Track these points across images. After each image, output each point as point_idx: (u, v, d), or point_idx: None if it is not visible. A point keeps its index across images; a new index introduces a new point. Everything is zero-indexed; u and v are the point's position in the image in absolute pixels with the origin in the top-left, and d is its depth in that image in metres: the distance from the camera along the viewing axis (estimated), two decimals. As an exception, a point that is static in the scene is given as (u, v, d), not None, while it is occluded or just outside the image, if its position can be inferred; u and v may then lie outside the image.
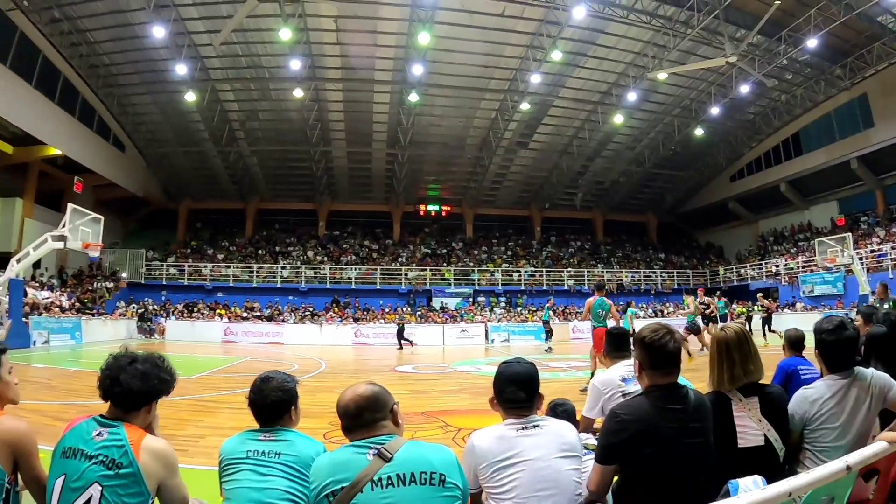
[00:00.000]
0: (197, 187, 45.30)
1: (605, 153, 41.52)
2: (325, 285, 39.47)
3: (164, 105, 36.07)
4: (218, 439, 3.19)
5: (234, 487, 3.02)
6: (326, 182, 44.24)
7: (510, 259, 44.63)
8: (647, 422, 2.93)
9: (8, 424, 2.90)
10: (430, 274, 41.09)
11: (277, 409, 3.29)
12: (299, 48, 29.91)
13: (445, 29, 28.88)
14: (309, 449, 3.14)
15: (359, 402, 2.73)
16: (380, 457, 2.55)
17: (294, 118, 36.91)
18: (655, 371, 3.10)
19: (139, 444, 2.70)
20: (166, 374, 2.95)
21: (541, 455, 2.96)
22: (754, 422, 3.30)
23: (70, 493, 2.60)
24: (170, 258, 41.43)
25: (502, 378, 3.27)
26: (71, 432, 2.76)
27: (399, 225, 47.13)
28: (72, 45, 30.01)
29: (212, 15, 28.55)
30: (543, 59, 30.55)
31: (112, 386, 2.83)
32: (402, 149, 38.75)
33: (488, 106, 36.03)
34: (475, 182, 44.00)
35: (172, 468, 2.82)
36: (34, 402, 10.09)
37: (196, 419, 9.57)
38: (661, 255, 47.05)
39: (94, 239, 26.65)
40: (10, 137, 30.06)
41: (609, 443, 3.02)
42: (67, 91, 31.77)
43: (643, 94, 34.06)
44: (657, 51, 30.23)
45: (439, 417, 9.44)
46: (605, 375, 4.64)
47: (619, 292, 39.29)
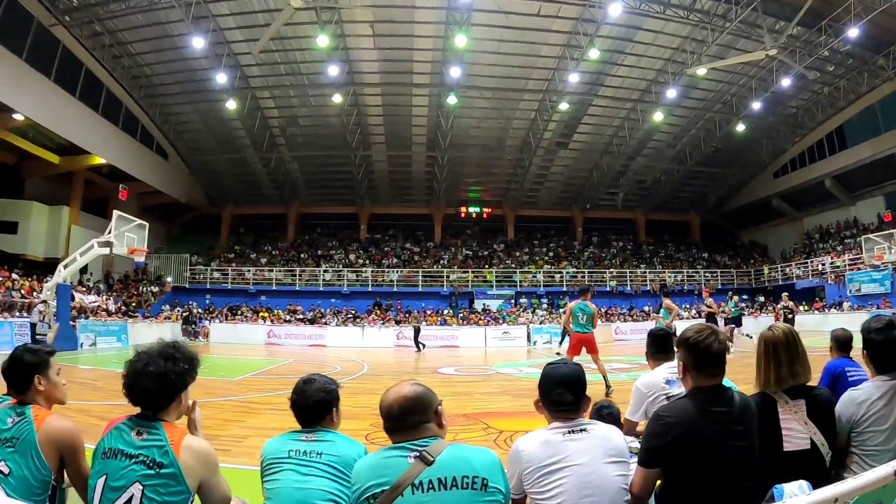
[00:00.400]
0: (239, 193, 45.92)
1: (646, 152, 40.98)
2: (367, 288, 39.61)
3: (205, 113, 36.74)
4: (260, 440, 3.22)
5: (275, 487, 3.03)
6: (367, 186, 44.44)
7: (552, 260, 44.25)
8: (690, 424, 2.87)
9: (55, 423, 3.03)
10: (472, 276, 40.96)
11: (319, 410, 3.31)
12: (337, 54, 30.09)
13: (482, 30, 28.86)
14: (350, 450, 3.14)
15: (402, 404, 2.68)
16: (421, 460, 2.51)
17: (334, 123, 37.12)
18: (699, 372, 3.03)
19: (179, 444, 2.72)
20: (182, 366, 2.93)
21: (587, 460, 2.87)
22: (800, 425, 3.20)
23: (111, 492, 2.62)
24: (213, 262, 42.15)
25: (549, 380, 3.15)
26: (111, 433, 2.79)
27: (440, 227, 47.15)
28: (113, 57, 30.84)
29: (249, 24, 29.02)
30: (581, 57, 30.23)
31: (133, 392, 2.85)
32: (442, 151, 38.79)
33: (527, 106, 35.86)
34: (516, 183, 43.83)
35: (213, 467, 2.84)
36: (81, 402, 10.25)
37: (239, 420, 9.69)
38: (704, 255, 46.17)
39: (140, 244, 27.33)
40: (55, 148, 31.00)
41: (652, 445, 2.95)
42: (111, 102, 32.50)
43: (683, 91, 33.51)
44: (695, 46, 29.73)
45: (481, 419, 9.40)
46: (649, 377, 4.54)
47: (661, 293, 38.88)
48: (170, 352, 2.92)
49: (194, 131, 38.89)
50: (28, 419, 3.03)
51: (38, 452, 2.94)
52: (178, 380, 2.90)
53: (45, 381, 3.27)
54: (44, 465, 2.95)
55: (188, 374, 2.96)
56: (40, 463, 2.94)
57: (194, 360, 3.03)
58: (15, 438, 2.98)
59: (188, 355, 3.00)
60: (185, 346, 3.07)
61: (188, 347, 3.07)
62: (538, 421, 3.22)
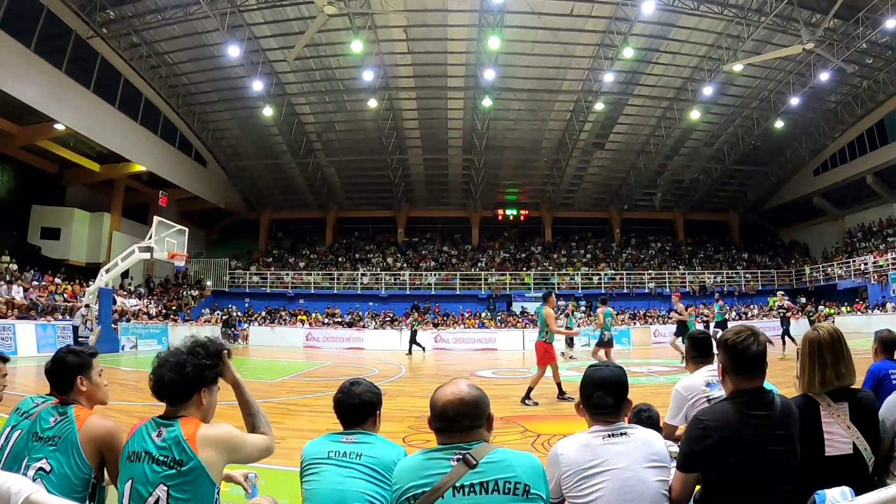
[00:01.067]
0: (277, 198, 46.39)
1: (683, 151, 40.42)
2: (405, 291, 39.67)
3: (242, 120, 37.25)
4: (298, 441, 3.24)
5: (313, 487, 3.04)
6: (404, 189, 44.61)
7: (590, 262, 43.93)
8: (730, 428, 2.81)
9: (96, 423, 3.11)
10: (510, 279, 40.87)
11: (363, 411, 3.32)
12: (371, 59, 30.20)
13: (515, 32, 28.76)
14: (390, 452, 3.14)
15: (458, 407, 2.60)
16: (464, 462, 2.47)
17: (370, 128, 37.32)
18: (739, 375, 2.97)
19: (195, 438, 2.75)
20: (203, 360, 2.97)
21: (627, 464, 2.82)
22: (843, 429, 3.11)
23: (138, 496, 2.66)
24: (252, 267, 42.75)
25: (589, 382, 3.12)
26: (134, 436, 2.83)
27: (478, 230, 47.09)
28: (151, 67, 31.57)
29: (284, 32, 29.36)
30: (615, 57, 29.97)
31: (154, 384, 2.91)
32: (478, 154, 38.79)
33: (562, 107, 35.70)
34: (553, 185, 43.57)
35: (235, 447, 2.89)
36: (122, 402, 10.51)
37: (278, 421, 9.66)
38: (743, 255, 45.39)
39: (180, 249, 27.96)
40: (96, 156, 31.89)
41: (692, 450, 2.90)
42: (149, 111, 33.16)
43: (719, 88, 32.89)
44: (731, 42, 29.21)
45: (519, 423, 9.36)
46: (689, 381, 4.48)
47: (701, 294, 38.41)
48: (194, 347, 2.99)
49: (232, 138, 39.44)
50: (70, 419, 3.11)
51: (79, 451, 3.01)
52: (196, 372, 2.92)
53: (87, 382, 3.34)
54: (85, 464, 3.01)
55: (208, 370, 2.99)
56: (81, 461, 3.01)
57: (220, 355, 3.08)
58: (57, 437, 3.05)
59: (212, 351, 3.04)
60: (214, 342, 3.12)
61: (216, 343, 3.13)
62: (575, 424, 3.24)
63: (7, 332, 21.28)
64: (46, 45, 25.53)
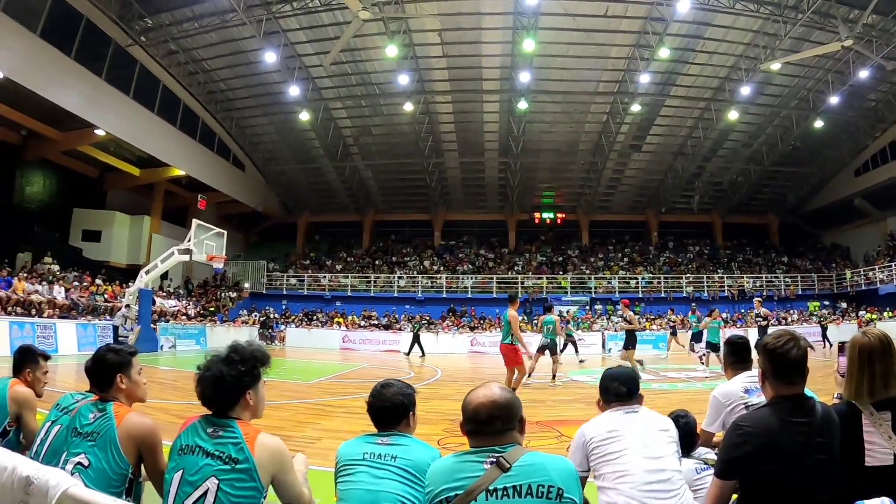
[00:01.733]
0: (314, 201, 46.81)
1: (722, 152, 39.81)
2: (442, 294, 39.75)
3: (279, 125, 37.67)
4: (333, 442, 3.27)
5: (348, 488, 3.06)
6: (440, 193, 44.70)
7: (627, 266, 43.49)
8: (770, 435, 2.75)
9: (135, 420, 3.17)
10: (547, 282, 40.63)
11: (396, 413, 3.34)
12: (406, 63, 30.35)
13: (549, 34, 28.64)
14: (424, 454, 3.14)
15: (491, 410, 2.60)
16: (498, 466, 2.46)
17: (406, 131, 37.46)
18: (779, 381, 2.91)
19: (254, 440, 2.80)
20: (240, 368, 2.98)
21: (644, 429, 3.35)
22: (884, 439, 2.94)
23: (187, 486, 2.71)
24: (290, 269, 43.17)
25: (606, 377, 3.71)
26: (187, 430, 2.89)
27: (514, 233, 46.91)
28: (189, 73, 32.14)
29: (319, 37, 29.64)
30: (651, 57, 29.66)
31: (200, 397, 2.96)
32: (515, 157, 38.62)
33: (598, 109, 35.44)
34: (589, 188, 43.28)
35: (285, 465, 2.90)
36: (160, 401, 10.67)
37: (313, 422, 9.88)
38: (783, 259, 44.43)
39: (218, 252, 28.41)
40: (136, 161, 32.67)
41: (730, 456, 2.85)
42: (188, 116, 33.78)
43: (757, 88, 32.25)
44: (768, 40, 28.60)
45: (554, 427, 9.31)
46: (727, 387, 4.38)
47: (739, 299, 37.88)
48: (231, 356, 3.00)
49: (269, 142, 39.92)
50: (109, 415, 3.17)
51: (117, 447, 3.07)
52: (235, 382, 2.96)
53: (127, 380, 3.41)
54: (122, 459, 3.06)
55: (246, 376, 3.01)
56: (119, 457, 3.06)
57: (256, 360, 3.08)
58: (96, 433, 3.11)
59: (249, 356, 3.05)
60: (250, 346, 3.14)
61: (252, 347, 3.14)
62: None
63: (49, 331, 21.82)
64: (86, 53, 26.20)
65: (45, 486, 2.54)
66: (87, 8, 25.72)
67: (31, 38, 23.31)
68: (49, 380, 4.71)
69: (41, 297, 23.63)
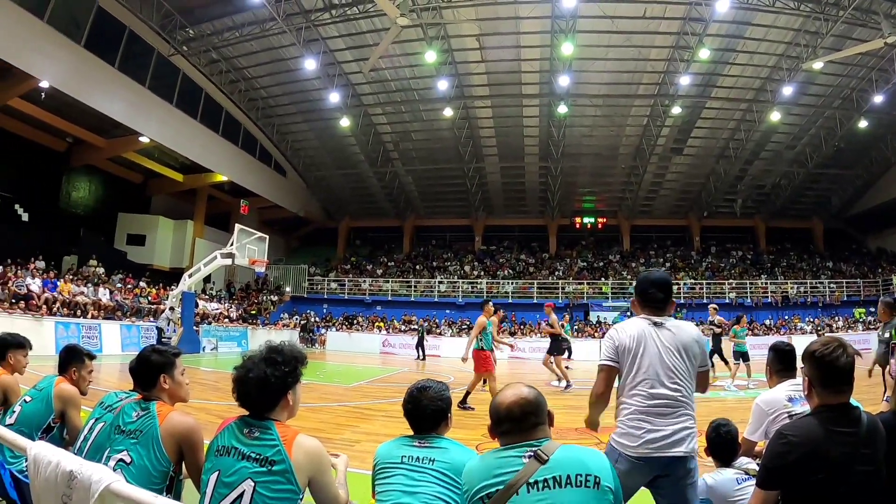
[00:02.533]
0: (355, 206, 47.20)
1: (764, 155, 38.97)
2: (482, 299, 39.29)
3: (320, 131, 38.10)
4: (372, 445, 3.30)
5: (386, 490, 3.08)
6: (481, 198, 44.63)
7: (668, 271, 42.55)
8: (815, 445, 2.66)
9: (177, 419, 3.22)
10: (588, 287, 40.30)
11: (434, 417, 3.35)
12: (445, 68, 30.51)
13: (588, 37, 28.47)
14: (463, 456, 3.14)
15: (524, 406, 2.68)
16: (536, 459, 2.51)
17: (446, 137, 37.53)
18: (825, 389, 2.83)
19: (292, 442, 2.81)
20: (283, 370, 3.00)
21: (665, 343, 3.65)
22: None
23: (224, 487, 2.73)
24: (330, 273, 43.49)
25: (646, 281, 3.89)
26: (224, 431, 2.91)
27: (555, 238, 46.62)
28: (230, 82, 32.73)
29: (358, 45, 29.85)
30: (691, 59, 29.22)
31: (239, 397, 2.98)
32: (555, 162, 38.42)
33: (639, 112, 35.10)
34: (630, 192, 42.93)
35: (322, 466, 2.92)
36: (202, 401, 10.90)
37: (353, 425, 10.00)
38: (828, 264, 43.13)
39: (260, 256, 28.79)
40: (179, 167, 33.48)
41: (774, 466, 2.77)
42: (230, 123, 34.41)
43: (799, 88, 31.42)
44: (809, 38, 27.86)
45: (593, 434, 9.28)
46: (770, 395, 4.29)
47: (783, 306, 37.26)
48: (272, 356, 3.00)
49: (310, 148, 40.35)
50: (152, 414, 3.23)
51: (159, 445, 3.12)
52: (279, 383, 2.97)
53: (170, 380, 3.48)
54: (164, 457, 3.11)
55: (290, 377, 3.03)
56: (161, 455, 3.11)
57: (297, 360, 3.10)
58: (138, 431, 3.17)
59: (290, 357, 3.07)
60: (290, 347, 3.15)
61: (293, 348, 3.15)
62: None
63: (93, 332, 22.49)
64: (130, 63, 26.93)
65: (88, 481, 2.62)
66: (130, 19, 26.35)
67: (75, 49, 23.95)
68: (93, 379, 4.83)
69: (86, 298, 24.17)
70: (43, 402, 4.26)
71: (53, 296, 22.56)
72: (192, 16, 27.86)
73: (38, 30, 22.17)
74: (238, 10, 27.61)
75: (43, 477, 2.84)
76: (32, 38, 21.92)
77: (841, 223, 45.58)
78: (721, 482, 4.00)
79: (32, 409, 4.24)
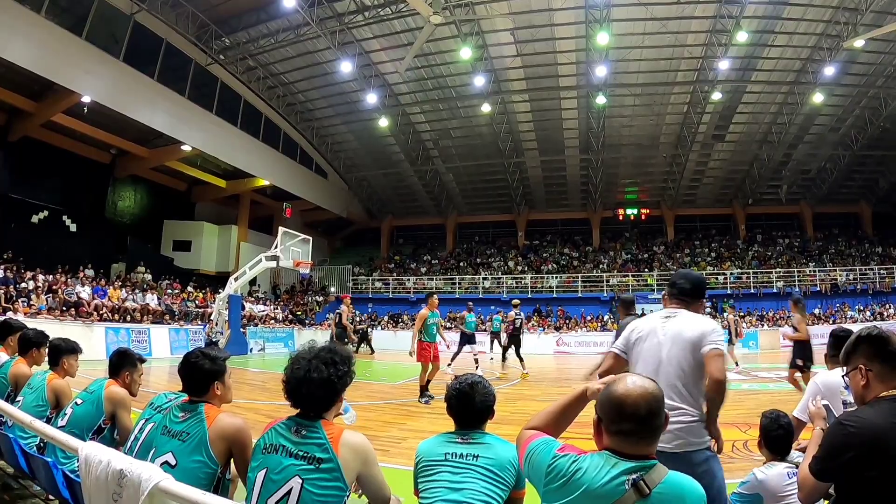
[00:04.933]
0: (397, 205, 47.50)
1: (808, 138, 37.88)
2: (527, 294, 39.12)
3: (359, 132, 38.44)
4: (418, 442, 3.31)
5: (430, 487, 3.09)
6: (522, 192, 44.58)
7: (714, 261, 42.13)
8: (877, 437, 2.47)
9: (227, 420, 3.28)
10: (632, 280, 39.97)
11: (482, 412, 3.36)
12: (481, 64, 30.50)
13: (623, 26, 28.14)
14: (506, 452, 3.14)
15: (651, 403, 2.24)
16: (636, 490, 2.11)
17: (485, 133, 37.50)
18: (885, 365, 2.70)
19: (338, 440, 2.86)
20: (343, 369, 3.06)
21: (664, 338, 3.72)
22: None
23: (271, 484, 2.78)
24: (374, 273, 43.78)
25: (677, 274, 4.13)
26: (271, 431, 2.95)
27: (598, 231, 46.26)
28: (268, 88, 33.38)
29: (393, 45, 29.97)
30: (728, 42, 28.47)
31: (298, 397, 3.01)
32: (596, 153, 38.23)
33: (678, 100, 34.62)
34: (673, 182, 42.32)
35: (369, 461, 2.97)
36: (250, 401, 10.90)
37: (399, 422, 10.03)
38: (877, 250, 41.69)
39: (304, 258, 29.28)
40: (222, 173, 34.12)
41: (830, 456, 2.62)
42: (269, 129, 35.01)
43: (841, 67, 30.51)
44: (849, 16, 26.87)
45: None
46: (829, 377, 4.17)
47: (832, 293, 36.41)
48: (329, 356, 3.04)
49: (350, 150, 40.78)
50: (200, 416, 3.29)
51: (207, 448, 3.18)
52: (341, 383, 3.05)
53: (222, 387, 3.54)
54: (212, 460, 3.17)
55: (348, 376, 3.10)
56: (208, 457, 3.17)
57: (351, 360, 3.15)
58: (185, 433, 3.23)
59: (345, 357, 3.12)
60: (341, 348, 3.22)
61: (343, 349, 3.22)
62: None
63: (142, 335, 23.03)
64: (169, 74, 27.65)
65: (138, 479, 2.68)
66: (166, 31, 27.02)
67: (115, 64, 24.71)
68: (143, 381, 4.92)
69: (135, 304, 24.69)
70: (93, 404, 4.37)
71: (103, 302, 23.11)
72: (228, 25, 28.38)
73: (77, 47, 22.95)
74: (272, 17, 28.06)
75: (94, 476, 2.91)
76: (72, 55, 22.69)
77: (889, 207, 44.00)
78: (771, 476, 3.94)
79: (83, 412, 4.35)
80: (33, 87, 23.82)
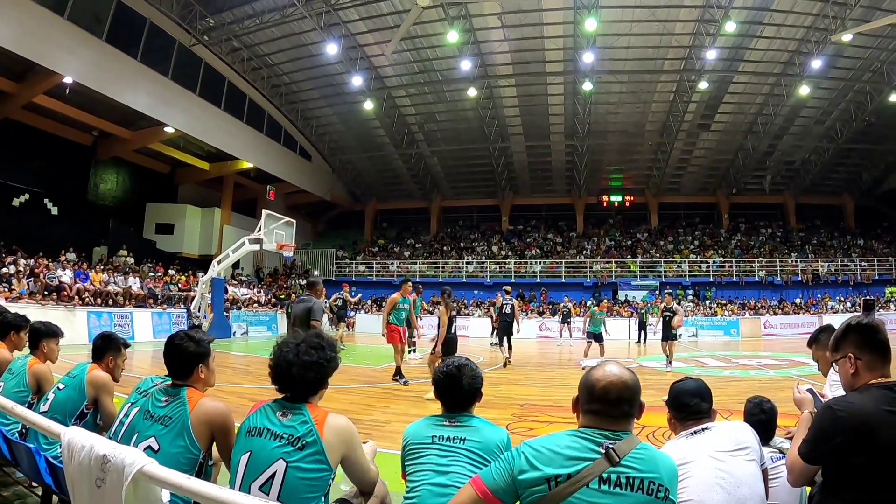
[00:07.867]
0: (381, 189, 47.41)
1: (793, 130, 38.07)
2: (510, 279, 39.14)
3: (344, 115, 38.18)
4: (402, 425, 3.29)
5: (417, 470, 3.10)
6: (507, 177, 44.56)
7: (697, 249, 42.55)
8: (865, 423, 2.51)
9: (210, 405, 3.25)
10: (615, 266, 40.09)
11: (471, 395, 3.36)
12: (468, 48, 30.35)
13: (611, 12, 28.05)
14: (493, 435, 3.19)
15: (621, 390, 2.44)
16: (607, 458, 2.31)
17: (470, 117, 37.40)
18: (872, 354, 2.76)
19: (323, 422, 2.87)
20: (330, 354, 3.08)
21: (713, 450, 3.01)
22: None
23: (256, 467, 2.78)
24: (358, 256, 43.87)
25: (686, 392, 3.37)
26: (256, 413, 2.96)
27: (582, 217, 46.45)
28: (253, 69, 33.03)
29: (379, 27, 29.82)
30: (717, 32, 28.48)
31: (286, 381, 3.01)
32: (581, 139, 38.12)
33: (665, 88, 34.64)
34: (658, 169, 42.45)
35: (353, 444, 2.97)
36: (232, 385, 10.86)
37: (382, 405, 10.07)
38: (859, 242, 42.17)
39: (288, 241, 29.30)
40: (205, 155, 33.99)
41: (820, 438, 2.66)
42: (254, 110, 34.78)
43: (828, 61, 30.58)
44: (837, 10, 27.00)
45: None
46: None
47: (814, 284, 36.72)
48: (317, 341, 3.06)
49: (335, 132, 40.52)
50: (182, 400, 3.26)
51: (189, 432, 3.15)
52: (330, 367, 3.07)
53: (206, 370, 3.51)
54: (194, 444, 3.14)
55: (335, 361, 3.11)
56: (191, 442, 3.14)
57: (336, 346, 3.17)
58: (167, 417, 3.20)
59: (331, 342, 3.15)
60: (326, 334, 3.25)
61: (327, 335, 3.24)
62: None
63: (125, 319, 23.06)
64: (152, 55, 27.30)
65: (121, 464, 2.63)
66: (149, 11, 26.66)
67: (97, 44, 24.39)
68: (126, 366, 4.87)
69: (117, 287, 24.58)
70: (76, 389, 4.32)
71: (85, 286, 22.96)
72: (212, 5, 28.06)
73: (59, 27, 22.58)
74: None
75: (77, 461, 2.86)
76: (54, 35, 22.34)
77: (872, 200, 44.41)
78: None
79: (65, 396, 4.30)
80: (14, 68, 23.47)
